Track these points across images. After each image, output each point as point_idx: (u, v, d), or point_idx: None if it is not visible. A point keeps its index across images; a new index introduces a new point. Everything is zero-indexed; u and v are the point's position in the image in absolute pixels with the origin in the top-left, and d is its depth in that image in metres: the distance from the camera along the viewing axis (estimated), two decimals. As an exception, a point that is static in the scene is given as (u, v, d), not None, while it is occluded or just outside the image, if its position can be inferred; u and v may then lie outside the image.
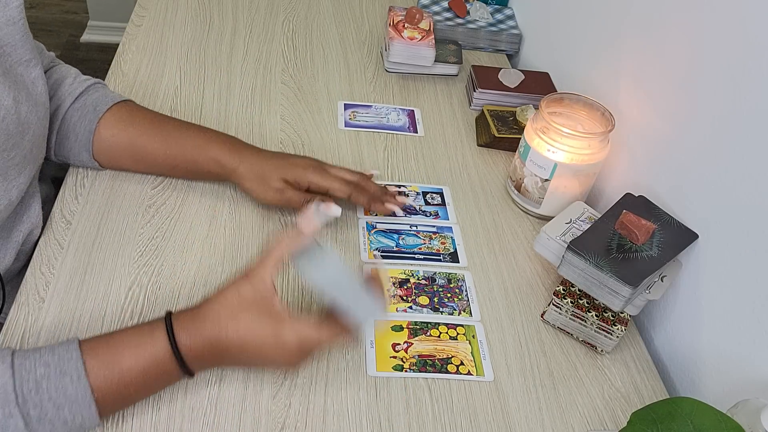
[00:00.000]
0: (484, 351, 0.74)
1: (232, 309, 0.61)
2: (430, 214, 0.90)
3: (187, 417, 0.64)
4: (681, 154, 0.79)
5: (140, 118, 0.83)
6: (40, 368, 0.56)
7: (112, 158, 0.84)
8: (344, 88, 1.12)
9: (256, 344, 0.61)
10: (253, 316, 0.61)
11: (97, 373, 0.57)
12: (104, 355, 0.58)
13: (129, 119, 0.83)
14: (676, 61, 0.80)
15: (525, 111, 1.03)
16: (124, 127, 0.82)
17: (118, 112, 0.83)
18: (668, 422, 0.54)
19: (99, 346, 0.59)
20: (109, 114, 0.82)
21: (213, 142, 0.82)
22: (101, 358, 0.58)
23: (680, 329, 0.78)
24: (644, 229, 0.73)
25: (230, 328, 0.61)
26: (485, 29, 1.27)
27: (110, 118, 0.82)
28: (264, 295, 0.61)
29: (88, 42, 2.65)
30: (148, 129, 0.83)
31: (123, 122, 0.82)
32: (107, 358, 0.58)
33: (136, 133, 0.82)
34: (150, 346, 0.60)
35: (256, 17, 1.27)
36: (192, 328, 0.61)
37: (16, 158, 0.69)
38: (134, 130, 0.82)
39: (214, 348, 0.61)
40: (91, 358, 0.58)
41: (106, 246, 0.78)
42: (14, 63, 0.71)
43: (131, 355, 0.59)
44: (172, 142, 0.82)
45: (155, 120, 0.84)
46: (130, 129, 0.82)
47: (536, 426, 0.68)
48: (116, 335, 0.61)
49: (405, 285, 0.80)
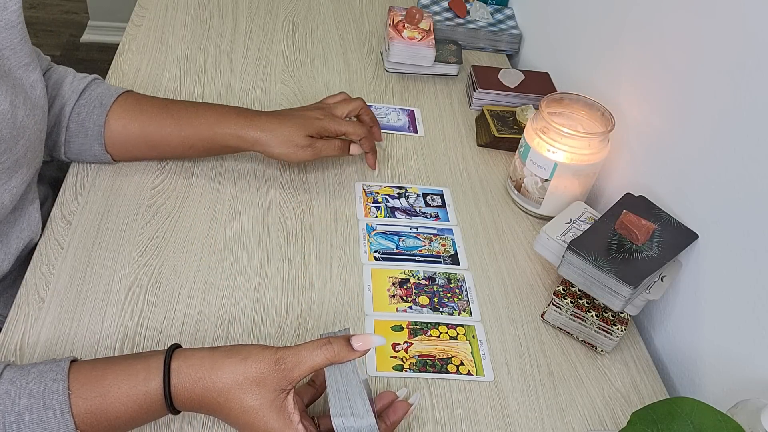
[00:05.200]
0: (484, 351, 0.74)
1: (244, 389, 0.56)
2: (430, 215, 0.90)
3: (187, 417, 0.64)
4: (681, 154, 0.79)
5: (148, 105, 0.84)
6: (24, 399, 0.54)
7: (125, 149, 0.85)
8: (344, 88, 1.12)
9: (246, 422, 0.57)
10: (263, 409, 0.56)
11: (81, 407, 0.55)
12: (91, 392, 0.56)
13: (137, 108, 0.83)
14: (676, 60, 0.80)
15: (525, 111, 1.03)
16: (134, 116, 0.83)
17: (125, 103, 0.83)
18: (668, 422, 0.54)
19: (88, 381, 0.56)
20: (117, 105, 0.83)
21: (226, 116, 0.83)
22: (88, 394, 0.56)
23: (680, 329, 0.78)
24: (644, 229, 0.73)
25: (234, 411, 0.57)
26: (485, 29, 1.27)
27: (118, 109, 0.82)
28: (285, 389, 0.57)
29: (88, 42, 2.65)
30: (158, 114, 0.83)
31: (132, 111, 0.83)
32: (94, 391, 0.56)
33: (147, 120, 0.83)
34: (143, 387, 0.56)
35: (256, 17, 1.27)
36: (192, 382, 0.57)
37: (7, 162, 0.69)
38: (144, 118, 0.83)
39: (206, 410, 0.58)
40: (77, 389, 0.55)
41: (106, 246, 0.78)
42: (13, 66, 0.71)
43: (120, 397, 0.56)
44: (184, 123, 0.83)
45: (163, 104, 0.85)
46: (140, 117, 0.83)
47: (536, 426, 0.68)
48: (108, 366, 0.58)
49: (405, 285, 0.80)
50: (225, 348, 0.58)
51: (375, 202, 0.91)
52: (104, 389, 0.56)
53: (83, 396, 0.56)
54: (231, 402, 0.56)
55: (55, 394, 0.55)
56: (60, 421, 0.54)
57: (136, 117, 0.83)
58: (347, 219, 0.88)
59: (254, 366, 0.56)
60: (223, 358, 0.57)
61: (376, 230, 0.87)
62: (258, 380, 0.56)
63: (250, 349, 0.58)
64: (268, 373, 0.56)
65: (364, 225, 0.87)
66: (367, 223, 0.88)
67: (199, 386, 0.56)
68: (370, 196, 0.91)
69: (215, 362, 0.57)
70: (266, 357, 0.57)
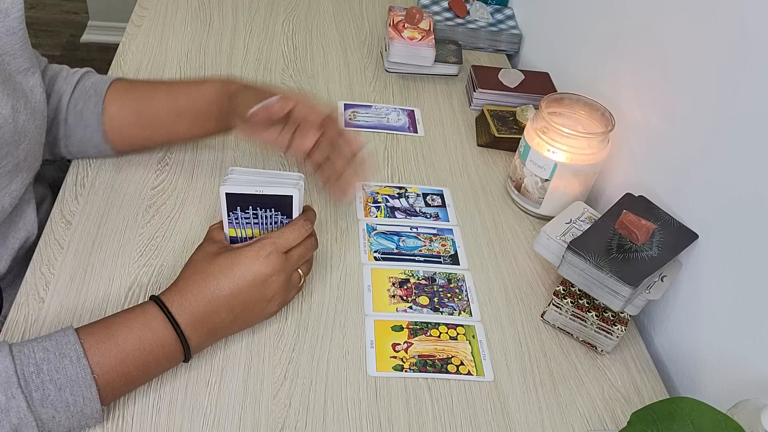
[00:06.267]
0: (484, 351, 0.74)
1: (206, 264, 0.65)
2: (430, 215, 0.90)
3: (187, 417, 0.64)
4: (681, 153, 0.79)
5: (140, 84, 0.87)
6: (39, 353, 0.57)
7: (122, 133, 0.85)
8: (344, 88, 1.12)
9: (242, 272, 0.65)
10: (227, 254, 0.65)
11: (95, 352, 0.58)
12: (100, 333, 0.60)
13: (130, 88, 0.85)
14: (676, 60, 0.80)
15: (525, 111, 1.03)
16: (129, 97, 0.84)
17: (119, 86, 0.85)
18: (668, 422, 0.54)
19: (95, 328, 0.61)
20: (111, 91, 0.84)
21: (208, 79, 0.86)
22: (97, 336, 0.60)
23: (680, 329, 0.78)
24: (644, 229, 0.73)
25: (215, 273, 0.64)
26: (485, 29, 1.27)
27: (112, 94, 0.83)
28: (224, 244, 0.68)
29: (88, 42, 2.65)
30: (150, 87, 0.86)
31: (126, 92, 0.84)
32: (103, 335, 0.60)
33: (140, 95, 0.85)
34: (142, 318, 0.61)
35: (256, 17, 1.27)
36: (179, 292, 0.64)
37: (8, 166, 0.70)
38: (137, 95, 0.85)
39: (207, 299, 0.64)
40: (88, 338, 0.59)
41: (106, 246, 0.78)
42: (13, 71, 0.71)
43: (125, 330, 0.60)
44: (174, 87, 0.85)
45: (155, 81, 0.89)
46: (133, 95, 0.84)
47: (536, 426, 0.68)
48: (110, 317, 0.62)
49: (405, 285, 0.80)
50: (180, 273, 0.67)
51: (375, 202, 0.91)
52: (114, 339, 0.60)
53: (94, 338, 0.59)
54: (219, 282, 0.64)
55: (68, 344, 0.58)
56: (77, 366, 0.57)
57: (129, 95, 0.84)
58: (347, 219, 0.88)
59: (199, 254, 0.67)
60: (185, 273, 0.66)
61: (376, 230, 0.87)
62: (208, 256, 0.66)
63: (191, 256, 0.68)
64: (208, 246, 0.68)
65: (364, 225, 0.87)
66: (367, 223, 0.88)
67: (195, 298, 0.63)
68: (370, 196, 0.91)
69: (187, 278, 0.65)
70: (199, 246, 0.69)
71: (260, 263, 0.65)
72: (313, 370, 0.70)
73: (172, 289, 0.64)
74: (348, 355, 0.72)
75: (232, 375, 0.68)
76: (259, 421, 0.65)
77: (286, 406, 0.66)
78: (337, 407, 0.67)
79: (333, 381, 0.69)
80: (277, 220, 0.69)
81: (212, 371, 0.68)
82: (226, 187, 0.66)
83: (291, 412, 0.66)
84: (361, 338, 0.73)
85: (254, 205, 0.67)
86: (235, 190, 0.66)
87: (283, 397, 0.67)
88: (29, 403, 0.54)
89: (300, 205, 0.69)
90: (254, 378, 0.68)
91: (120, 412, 0.63)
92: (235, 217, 0.68)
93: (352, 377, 0.70)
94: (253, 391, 0.67)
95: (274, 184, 0.67)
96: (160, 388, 0.66)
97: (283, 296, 0.70)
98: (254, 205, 0.67)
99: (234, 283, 0.64)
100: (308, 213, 0.71)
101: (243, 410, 0.65)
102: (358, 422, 0.66)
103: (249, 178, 0.68)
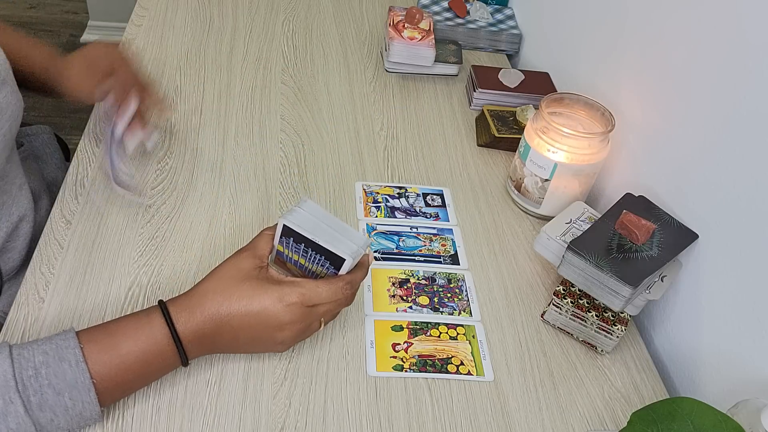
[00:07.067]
0: (484, 351, 0.74)
1: (230, 285, 0.62)
2: (430, 215, 0.90)
3: (187, 417, 0.64)
4: (681, 153, 0.79)
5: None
6: (39, 356, 0.56)
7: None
8: (344, 88, 1.12)
9: (260, 311, 0.62)
10: (254, 283, 0.62)
11: (96, 359, 0.58)
12: (102, 341, 0.59)
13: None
14: (676, 60, 0.80)
15: (525, 111, 1.03)
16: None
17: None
18: (668, 422, 0.54)
19: (96, 332, 0.60)
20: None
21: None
22: (99, 343, 0.59)
23: (680, 329, 0.78)
24: (644, 229, 0.73)
25: (234, 298, 0.62)
26: (485, 29, 1.27)
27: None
28: (261, 266, 0.65)
29: (88, 42, 2.64)
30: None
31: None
32: (105, 343, 0.59)
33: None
34: (147, 330, 0.60)
35: (256, 17, 1.27)
36: (190, 307, 0.62)
37: None
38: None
39: (215, 323, 0.61)
40: (89, 344, 0.58)
41: (106, 246, 0.78)
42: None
43: (129, 340, 0.60)
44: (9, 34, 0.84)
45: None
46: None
47: (536, 426, 0.68)
48: (113, 322, 0.61)
49: (405, 285, 0.80)
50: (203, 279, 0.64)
51: (375, 202, 0.91)
52: (112, 336, 0.59)
53: (94, 344, 0.58)
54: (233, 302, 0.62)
55: (67, 348, 0.57)
56: (76, 370, 0.56)
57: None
58: (347, 219, 0.88)
59: (231, 265, 0.64)
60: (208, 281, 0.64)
61: (376, 230, 0.87)
62: (239, 272, 0.63)
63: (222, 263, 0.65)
64: (245, 260, 0.64)
65: (364, 225, 0.87)
66: (367, 223, 0.88)
67: (205, 311, 0.61)
68: (370, 196, 0.91)
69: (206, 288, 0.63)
70: (237, 254, 0.66)
71: (280, 309, 0.62)
72: (313, 370, 0.70)
73: (184, 301, 0.62)
74: (348, 355, 0.72)
75: (232, 375, 0.68)
76: (259, 421, 0.65)
77: (286, 406, 0.66)
78: (337, 407, 0.67)
79: (333, 381, 0.69)
80: (325, 265, 0.65)
81: (212, 371, 0.68)
82: (287, 220, 0.63)
83: (291, 412, 0.66)
84: (361, 338, 0.73)
85: (307, 244, 0.64)
86: (293, 226, 0.63)
87: (283, 397, 0.67)
88: (27, 407, 0.54)
89: (351, 267, 0.65)
90: (254, 378, 0.68)
91: (120, 412, 0.63)
92: (287, 241, 0.65)
93: (352, 377, 0.70)
94: (253, 391, 0.67)
95: (334, 241, 0.63)
96: (160, 388, 0.66)
97: (294, 341, 0.66)
98: (307, 244, 0.64)
99: (246, 319, 0.62)
100: (355, 275, 0.66)
101: (243, 410, 0.65)
102: (358, 422, 0.66)
103: (314, 220, 0.64)
